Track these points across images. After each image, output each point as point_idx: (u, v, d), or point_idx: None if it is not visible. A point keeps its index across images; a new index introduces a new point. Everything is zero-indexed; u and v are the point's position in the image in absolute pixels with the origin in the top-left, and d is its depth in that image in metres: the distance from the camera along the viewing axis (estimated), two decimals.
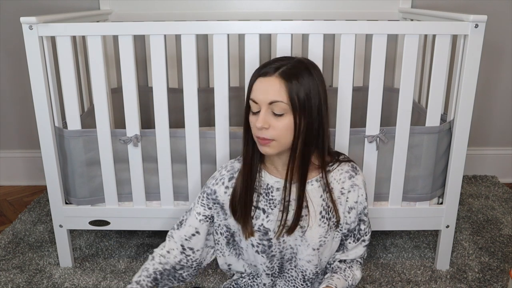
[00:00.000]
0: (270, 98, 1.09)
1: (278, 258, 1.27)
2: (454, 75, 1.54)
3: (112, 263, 1.76)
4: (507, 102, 2.40)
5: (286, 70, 1.10)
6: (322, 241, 1.22)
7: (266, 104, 1.09)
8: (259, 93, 1.10)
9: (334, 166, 1.23)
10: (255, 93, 1.11)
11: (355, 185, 1.22)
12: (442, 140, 1.57)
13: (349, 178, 1.22)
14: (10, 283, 1.64)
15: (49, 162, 1.58)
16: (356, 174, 1.23)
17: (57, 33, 1.44)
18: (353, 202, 1.23)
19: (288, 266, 1.29)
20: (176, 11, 2.15)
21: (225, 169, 1.28)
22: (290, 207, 1.22)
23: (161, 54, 1.46)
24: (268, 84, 1.09)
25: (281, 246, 1.25)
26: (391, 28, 1.43)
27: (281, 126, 1.10)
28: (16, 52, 2.27)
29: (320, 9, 2.16)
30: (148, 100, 2.16)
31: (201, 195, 1.29)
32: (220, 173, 1.28)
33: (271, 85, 1.09)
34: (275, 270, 1.29)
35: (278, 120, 1.10)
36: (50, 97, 1.53)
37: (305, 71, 1.11)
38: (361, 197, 1.23)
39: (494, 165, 2.51)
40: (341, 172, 1.22)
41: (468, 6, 2.21)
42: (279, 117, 1.10)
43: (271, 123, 1.10)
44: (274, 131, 1.10)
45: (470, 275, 1.68)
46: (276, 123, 1.10)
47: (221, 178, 1.26)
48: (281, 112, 1.09)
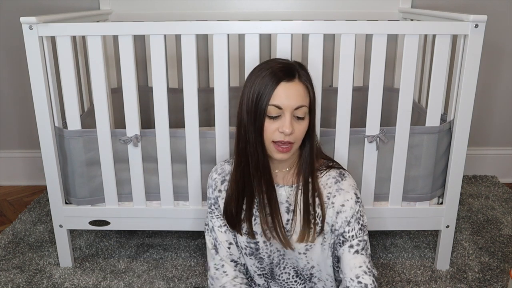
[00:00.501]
0: (297, 103, 1.10)
1: (268, 263, 1.28)
2: (454, 75, 1.54)
3: (112, 263, 1.76)
4: (507, 102, 2.40)
5: (302, 74, 1.13)
6: (308, 246, 1.21)
7: (291, 109, 1.10)
8: (286, 98, 1.09)
9: (323, 172, 1.22)
10: (280, 98, 1.09)
11: (340, 189, 1.18)
12: (442, 140, 1.57)
13: (335, 183, 1.19)
14: (10, 283, 1.64)
15: (49, 162, 1.58)
16: (342, 180, 1.20)
17: (57, 33, 1.44)
18: (339, 205, 1.17)
19: (278, 271, 1.29)
20: (176, 11, 2.15)
21: (215, 172, 1.29)
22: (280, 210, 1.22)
23: (161, 54, 1.46)
24: (294, 89, 1.10)
25: (269, 250, 1.25)
26: (391, 28, 1.43)
27: (302, 129, 1.13)
28: (16, 52, 2.27)
29: (320, 9, 2.16)
30: (148, 100, 2.16)
31: (209, 209, 1.30)
32: (211, 178, 1.29)
33: (297, 90, 1.10)
34: (267, 271, 1.30)
35: (299, 124, 1.12)
36: (50, 97, 1.53)
37: (307, 73, 1.16)
38: (350, 201, 1.17)
39: (494, 165, 2.51)
40: (328, 178, 1.21)
41: (468, 6, 2.22)
42: (301, 120, 1.12)
43: (294, 127, 1.11)
44: (295, 135, 1.12)
45: (470, 275, 1.68)
46: (298, 127, 1.12)
47: (214, 184, 1.28)
48: (303, 116, 1.12)
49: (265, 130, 1.12)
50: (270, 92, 1.09)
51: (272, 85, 1.09)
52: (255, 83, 1.11)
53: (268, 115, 1.10)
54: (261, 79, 1.11)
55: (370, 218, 1.62)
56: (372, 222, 1.64)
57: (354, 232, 1.17)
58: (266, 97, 1.09)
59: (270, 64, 1.14)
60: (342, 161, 1.55)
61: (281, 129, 1.09)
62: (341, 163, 1.54)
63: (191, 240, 1.90)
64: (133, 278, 1.67)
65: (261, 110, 1.10)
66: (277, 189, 1.22)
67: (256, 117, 1.11)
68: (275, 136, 1.11)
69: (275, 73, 1.10)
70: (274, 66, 1.12)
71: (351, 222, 1.17)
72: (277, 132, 1.11)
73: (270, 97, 1.09)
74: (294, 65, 1.14)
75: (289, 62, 1.15)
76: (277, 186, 1.22)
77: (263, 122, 1.11)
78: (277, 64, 1.13)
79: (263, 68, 1.13)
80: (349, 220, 1.17)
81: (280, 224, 1.18)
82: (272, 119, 1.11)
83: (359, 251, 1.16)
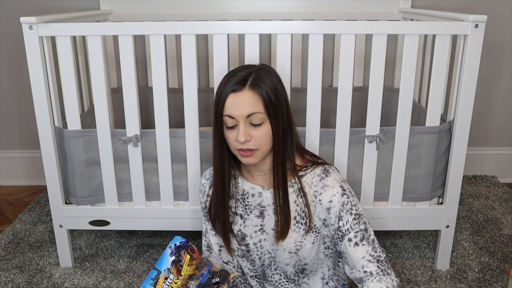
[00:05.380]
0: (247, 111, 1.11)
1: (259, 265, 1.29)
2: (454, 75, 1.54)
3: (112, 263, 1.76)
4: (507, 102, 2.40)
5: (254, 80, 1.12)
6: (298, 245, 1.22)
7: (243, 118, 1.11)
8: (235, 108, 1.11)
9: (307, 171, 1.22)
10: (230, 109, 1.12)
11: (325, 185, 1.19)
12: (442, 140, 1.56)
13: (320, 180, 1.20)
14: (10, 283, 1.64)
15: (49, 162, 1.58)
16: (326, 176, 1.20)
17: (57, 33, 1.44)
18: (327, 202, 1.18)
19: (270, 272, 1.31)
20: (176, 11, 2.15)
21: (204, 178, 1.33)
22: (266, 212, 1.24)
23: (161, 54, 1.46)
24: (242, 98, 1.11)
25: (259, 251, 1.27)
26: (391, 28, 1.43)
27: (262, 135, 1.13)
28: (16, 52, 2.27)
29: (320, 9, 2.16)
30: (148, 100, 2.16)
31: (202, 212, 1.35)
32: (201, 183, 1.33)
33: (245, 98, 1.11)
34: (259, 273, 1.32)
35: (257, 130, 1.13)
36: (50, 97, 1.53)
37: (267, 76, 1.14)
38: (336, 195, 1.17)
39: (494, 165, 2.51)
40: (313, 176, 1.21)
41: (468, 6, 2.22)
42: (258, 126, 1.13)
43: (252, 134, 1.13)
44: (256, 141, 1.13)
45: (470, 275, 1.68)
46: (256, 133, 1.13)
47: (203, 189, 1.31)
48: (260, 122, 1.12)
49: (227, 139, 1.16)
50: (222, 104, 1.13)
51: (223, 97, 1.13)
52: (217, 92, 1.16)
53: (226, 125, 1.14)
54: (219, 90, 1.15)
55: (370, 218, 1.62)
56: (372, 222, 1.64)
57: (349, 224, 1.17)
58: (220, 108, 1.14)
59: (229, 74, 1.16)
60: (342, 161, 1.55)
61: (237, 138, 1.12)
62: (341, 163, 1.55)
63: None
64: (133, 278, 1.67)
65: (218, 120, 1.15)
66: (263, 191, 1.24)
67: (215, 126, 1.16)
68: (235, 145, 1.14)
69: (226, 85, 1.13)
70: (230, 77, 1.14)
71: (343, 215, 1.17)
72: (236, 140, 1.13)
73: (223, 109, 1.13)
74: (250, 73, 1.14)
75: (246, 70, 1.15)
76: (262, 188, 1.24)
77: (220, 132, 1.16)
78: (234, 75, 1.14)
79: (224, 78, 1.17)
80: (340, 214, 1.17)
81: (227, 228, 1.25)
82: (231, 129, 1.14)
83: (359, 243, 1.16)
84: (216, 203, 1.25)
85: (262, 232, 1.25)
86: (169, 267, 1.18)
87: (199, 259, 1.19)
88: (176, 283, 1.16)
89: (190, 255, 1.18)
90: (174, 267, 1.17)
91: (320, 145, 1.54)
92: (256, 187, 1.25)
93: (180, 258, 1.18)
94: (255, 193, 1.25)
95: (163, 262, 1.19)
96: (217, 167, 1.21)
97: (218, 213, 1.25)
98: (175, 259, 1.18)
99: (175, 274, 1.16)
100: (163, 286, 1.16)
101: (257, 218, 1.25)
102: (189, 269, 1.17)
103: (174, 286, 1.15)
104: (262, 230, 1.25)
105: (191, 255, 1.18)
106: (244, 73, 1.13)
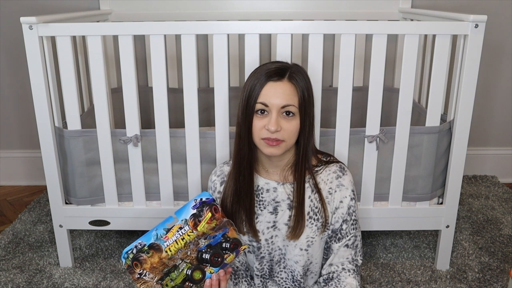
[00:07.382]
0: (283, 102, 1.13)
1: (268, 260, 1.29)
2: (454, 75, 1.54)
3: (112, 263, 1.76)
4: (507, 102, 2.40)
5: (293, 74, 1.15)
6: (309, 241, 1.23)
7: (278, 108, 1.13)
8: (272, 97, 1.13)
9: (322, 167, 1.25)
10: (266, 97, 1.13)
11: (341, 185, 1.23)
12: (442, 140, 1.56)
13: (336, 178, 1.23)
14: (10, 283, 1.64)
15: (49, 162, 1.58)
16: (343, 175, 1.24)
17: (57, 33, 1.44)
18: (339, 202, 1.23)
19: (278, 268, 1.31)
20: (176, 11, 2.15)
21: (214, 175, 1.32)
22: (279, 208, 1.24)
23: (161, 54, 1.46)
24: (281, 87, 1.13)
25: (270, 248, 1.27)
26: (391, 28, 1.43)
27: (291, 127, 1.15)
28: (16, 52, 2.27)
29: (320, 9, 2.16)
30: (148, 100, 2.16)
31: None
32: (211, 180, 1.32)
33: (284, 89, 1.13)
34: (265, 271, 1.31)
35: (288, 122, 1.15)
36: (50, 97, 1.53)
37: (302, 74, 1.18)
38: (347, 198, 1.23)
39: (494, 165, 2.51)
40: (329, 173, 1.24)
41: (468, 6, 2.22)
42: (289, 119, 1.15)
43: (282, 125, 1.14)
44: (285, 132, 1.15)
45: (470, 275, 1.68)
46: (286, 125, 1.14)
47: (213, 186, 1.31)
48: (292, 115, 1.14)
49: (253, 127, 1.16)
50: (258, 91, 1.14)
51: (261, 84, 1.14)
52: (249, 83, 1.16)
53: (256, 113, 1.15)
54: (254, 79, 1.16)
55: (370, 218, 1.62)
56: (372, 222, 1.64)
57: (348, 229, 1.24)
58: (255, 95, 1.14)
59: (266, 65, 1.18)
60: (342, 161, 1.54)
61: (267, 126, 1.13)
62: None
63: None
64: None
65: (250, 107, 1.15)
66: (278, 186, 1.25)
67: (246, 114, 1.16)
68: (262, 133, 1.15)
69: (265, 73, 1.15)
70: (268, 67, 1.16)
71: (347, 219, 1.23)
72: (264, 129, 1.14)
73: (258, 95, 1.14)
74: (288, 66, 1.17)
75: (283, 63, 1.18)
76: (278, 184, 1.25)
77: (252, 119, 1.15)
78: (272, 65, 1.17)
79: (258, 69, 1.18)
80: (345, 217, 1.23)
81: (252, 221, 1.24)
82: (260, 117, 1.15)
83: (349, 245, 1.24)
84: (238, 193, 1.23)
85: (274, 228, 1.26)
86: (187, 218, 1.17)
87: (220, 220, 1.19)
88: (190, 235, 1.16)
89: (212, 214, 1.18)
90: (192, 220, 1.17)
91: (320, 145, 1.54)
92: (271, 182, 1.25)
93: (201, 213, 1.18)
94: (270, 188, 1.25)
95: (183, 211, 1.19)
96: (245, 154, 1.20)
97: (243, 202, 1.24)
98: (195, 212, 1.18)
99: (191, 227, 1.17)
100: (176, 234, 1.16)
101: (271, 214, 1.25)
102: (206, 226, 1.17)
103: (186, 238, 1.16)
104: (274, 226, 1.25)
105: (213, 213, 1.18)
106: (283, 66, 1.16)
